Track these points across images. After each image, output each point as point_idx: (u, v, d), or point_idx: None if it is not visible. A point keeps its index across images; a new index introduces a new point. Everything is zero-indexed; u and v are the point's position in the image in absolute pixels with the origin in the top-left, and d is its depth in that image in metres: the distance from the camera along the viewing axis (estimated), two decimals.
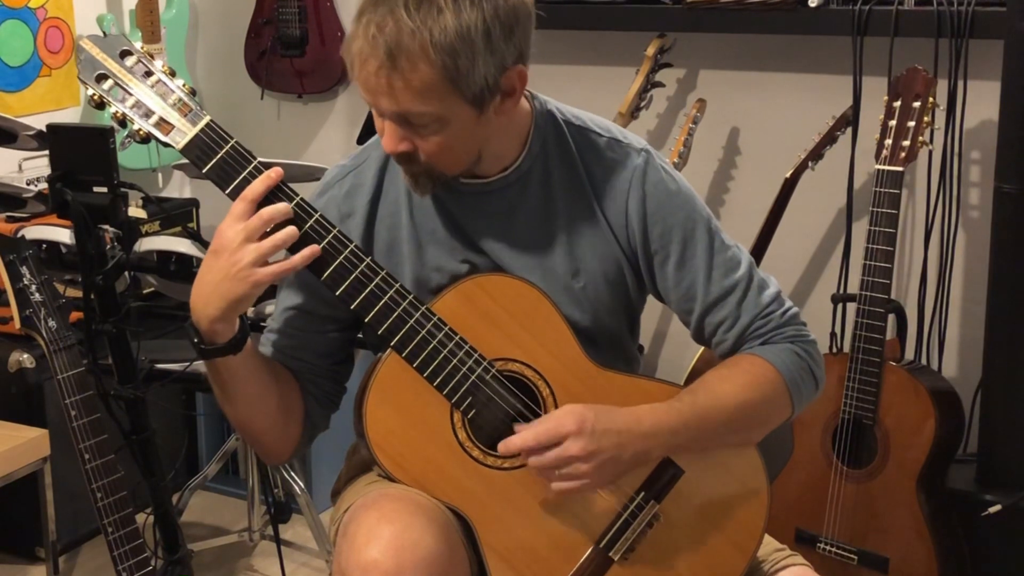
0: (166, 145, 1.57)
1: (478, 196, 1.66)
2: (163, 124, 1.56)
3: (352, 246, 1.56)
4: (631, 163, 1.67)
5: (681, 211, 1.67)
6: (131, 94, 1.57)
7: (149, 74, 1.58)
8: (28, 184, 3.03)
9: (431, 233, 1.67)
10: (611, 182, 1.67)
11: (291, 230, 1.53)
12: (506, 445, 1.57)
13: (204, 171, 1.55)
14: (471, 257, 1.67)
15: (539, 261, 1.66)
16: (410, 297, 1.57)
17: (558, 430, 1.55)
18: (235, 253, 1.51)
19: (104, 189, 2.16)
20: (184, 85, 1.58)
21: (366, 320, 1.57)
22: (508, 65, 1.52)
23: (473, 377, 1.58)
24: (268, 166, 1.57)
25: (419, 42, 1.44)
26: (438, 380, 1.58)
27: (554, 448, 1.54)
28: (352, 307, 1.57)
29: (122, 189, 2.18)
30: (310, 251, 1.53)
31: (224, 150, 1.55)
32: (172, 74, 1.59)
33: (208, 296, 1.53)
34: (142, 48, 1.61)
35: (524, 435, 1.56)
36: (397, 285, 1.57)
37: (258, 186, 1.53)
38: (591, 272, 1.67)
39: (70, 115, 3.35)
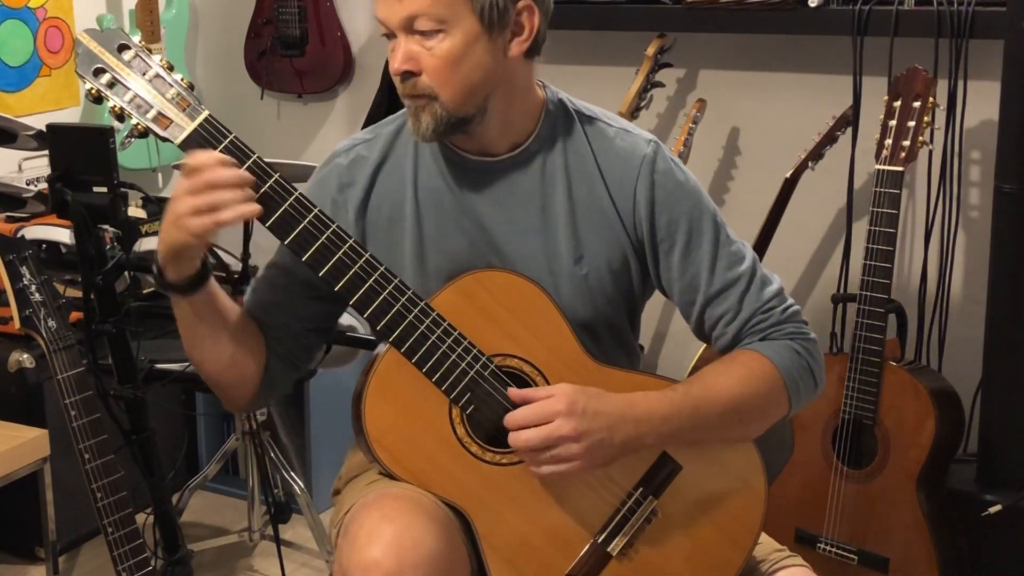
0: (164, 140, 1.57)
1: (485, 174, 1.67)
2: (161, 118, 1.56)
3: (351, 241, 1.56)
4: (640, 152, 1.68)
5: (688, 201, 1.68)
6: (129, 88, 1.57)
7: (147, 68, 1.58)
8: (28, 184, 3.03)
9: (435, 210, 1.68)
10: (620, 170, 1.68)
11: (231, 173, 1.52)
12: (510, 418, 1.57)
13: None
14: (474, 236, 1.67)
15: (543, 245, 1.67)
16: (409, 293, 1.58)
17: (548, 409, 1.55)
18: (175, 202, 1.53)
19: (104, 189, 2.17)
20: (182, 79, 1.58)
21: (364, 316, 1.57)
22: None
23: (472, 373, 1.58)
24: (267, 164, 1.57)
25: None
26: (437, 376, 1.58)
27: (545, 426, 1.54)
28: (351, 303, 1.57)
29: (122, 189, 2.18)
30: (249, 209, 1.52)
31: (223, 144, 1.55)
32: (170, 68, 1.58)
33: (160, 240, 1.57)
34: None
35: (514, 414, 1.56)
36: (396, 281, 1.57)
37: (213, 156, 1.54)
38: (595, 259, 1.68)
39: (70, 115, 3.36)
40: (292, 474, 2.91)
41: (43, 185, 2.91)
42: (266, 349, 1.71)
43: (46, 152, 2.30)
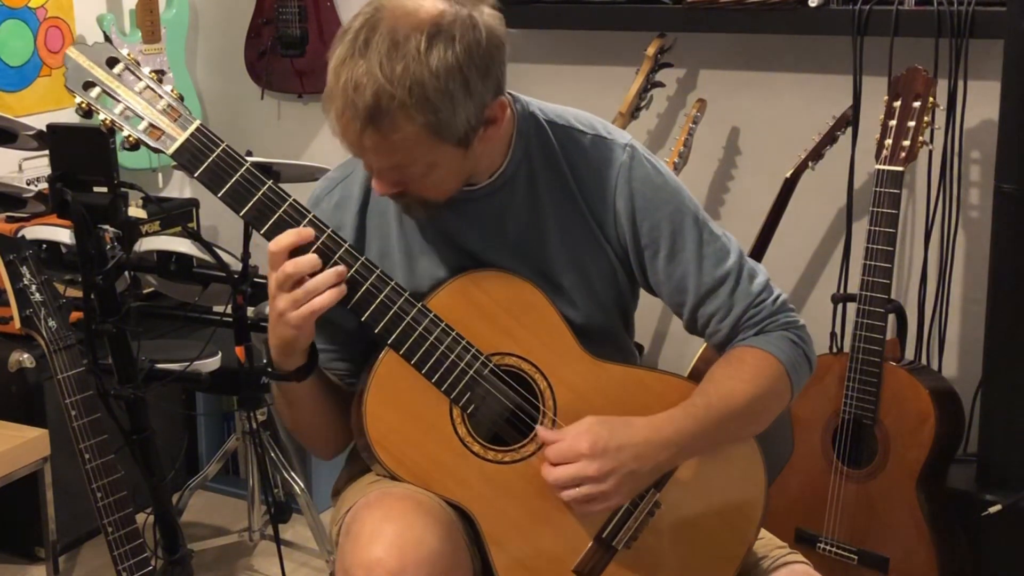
0: (156, 151, 1.57)
1: (466, 204, 1.66)
2: (152, 130, 1.57)
3: (346, 246, 1.57)
4: (616, 160, 1.67)
5: (669, 204, 1.67)
6: (119, 101, 1.58)
7: (137, 80, 1.59)
8: (28, 184, 3.03)
9: (420, 244, 1.68)
10: (597, 180, 1.67)
11: (326, 283, 1.54)
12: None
13: (196, 175, 1.56)
14: (461, 262, 1.67)
15: (529, 264, 1.67)
16: (405, 295, 1.58)
17: (573, 449, 1.56)
18: (274, 301, 1.55)
19: (104, 189, 2.17)
20: (173, 90, 1.59)
21: (362, 320, 1.58)
22: (488, 102, 1.53)
23: (471, 372, 1.59)
24: (265, 165, 1.58)
25: (398, 103, 1.44)
26: (436, 376, 1.58)
27: (571, 466, 1.55)
28: (348, 307, 1.57)
29: (122, 189, 2.18)
30: (338, 292, 1.55)
31: (215, 154, 1.56)
32: (160, 80, 1.59)
33: (270, 334, 1.59)
34: (143, 49, 1.62)
35: (547, 451, 1.57)
36: (392, 284, 1.58)
37: (284, 239, 1.54)
38: (581, 271, 1.68)
39: (70, 115, 3.33)
40: (292, 474, 2.91)
41: (43, 185, 2.91)
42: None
43: (46, 152, 2.30)
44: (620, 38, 3.08)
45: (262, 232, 1.57)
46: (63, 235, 2.48)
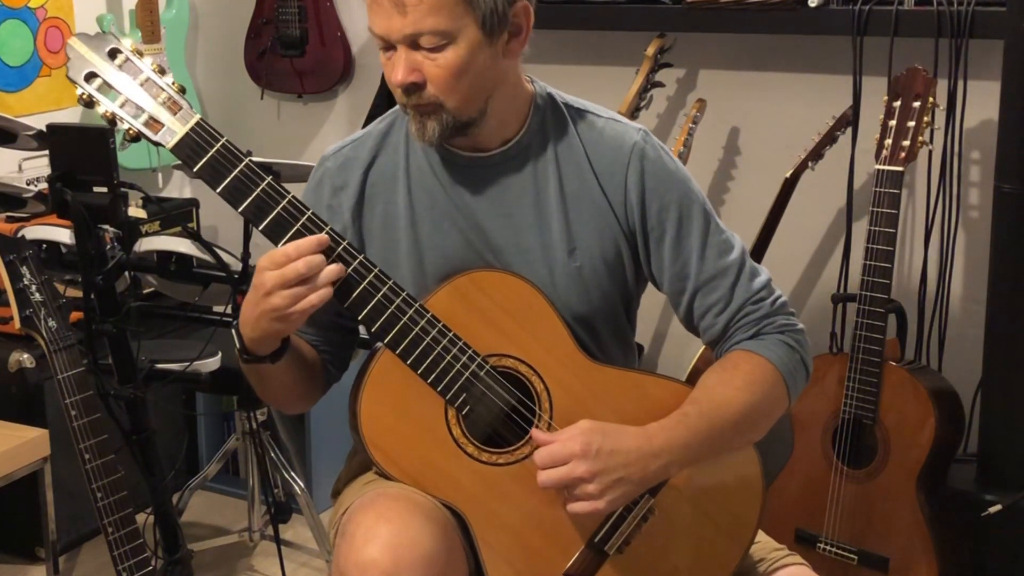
0: (156, 144, 1.56)
1: (477, 170, 1.68)
2: (153, 123, 1.56)
3: (344, 243, 1.57)
4: (629, 140, 1.69)
5: (678, 190, 1.68)
6: (120, 93, 1.56)
7: (138, 72, 1.57)
8: (28, 184, 3.03)
9: (428, 209, 1.69)
10: (610, 159, 1.68)
11: (327, 280, 1.54)
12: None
13: (195, 170, 1.55)
14: (468, 233, 1.68)
15: (537, 238, 1.68)
16: (404, 294, 1.58)
17: (564, 451, 1.55)
18: (271, 297, 1.53)
19: (104, 189, 2.17)
20: (174, 83, 1.58)
21: (359, 318, 1.57)
22: None
23: (467, 374, 1.59)
24: (265, 165, 1.58)
25: None
26: (432, 377, 1.58)
27: (561, 467, 1.55)
28: (345, 305, 1.57)
29: (122, 189, 2.18)
30: (327, 291, 1.54)
31: (215, 148, 1.55)
32: (162, 72, 1.58)
33: (252, 324, 1.58)
34: (142, 48, 1.61)
35: (536, 455, 1.57)
36: (390, 283, 1.57)
37: (306, 246, 1.53)
38: (588, 251, 1.68)
39: (70, 115, 3.36)
40: (292, 474, 2.91)
41: (43, 185, 2.91)
42: (323, 365, 1.77)
43: (46, 152, 2.30)
44: (620, 38, 3.08)
45: (260, 228, 1.56)
46: (63, 235, 2.48)
